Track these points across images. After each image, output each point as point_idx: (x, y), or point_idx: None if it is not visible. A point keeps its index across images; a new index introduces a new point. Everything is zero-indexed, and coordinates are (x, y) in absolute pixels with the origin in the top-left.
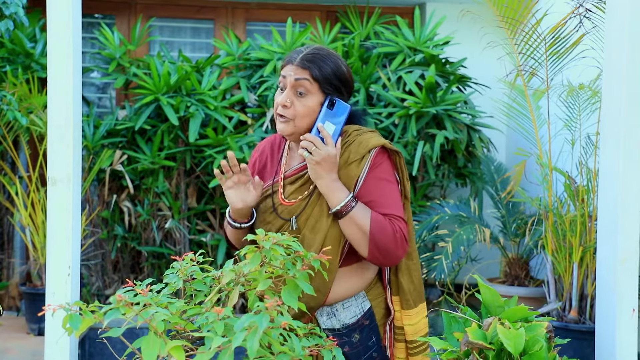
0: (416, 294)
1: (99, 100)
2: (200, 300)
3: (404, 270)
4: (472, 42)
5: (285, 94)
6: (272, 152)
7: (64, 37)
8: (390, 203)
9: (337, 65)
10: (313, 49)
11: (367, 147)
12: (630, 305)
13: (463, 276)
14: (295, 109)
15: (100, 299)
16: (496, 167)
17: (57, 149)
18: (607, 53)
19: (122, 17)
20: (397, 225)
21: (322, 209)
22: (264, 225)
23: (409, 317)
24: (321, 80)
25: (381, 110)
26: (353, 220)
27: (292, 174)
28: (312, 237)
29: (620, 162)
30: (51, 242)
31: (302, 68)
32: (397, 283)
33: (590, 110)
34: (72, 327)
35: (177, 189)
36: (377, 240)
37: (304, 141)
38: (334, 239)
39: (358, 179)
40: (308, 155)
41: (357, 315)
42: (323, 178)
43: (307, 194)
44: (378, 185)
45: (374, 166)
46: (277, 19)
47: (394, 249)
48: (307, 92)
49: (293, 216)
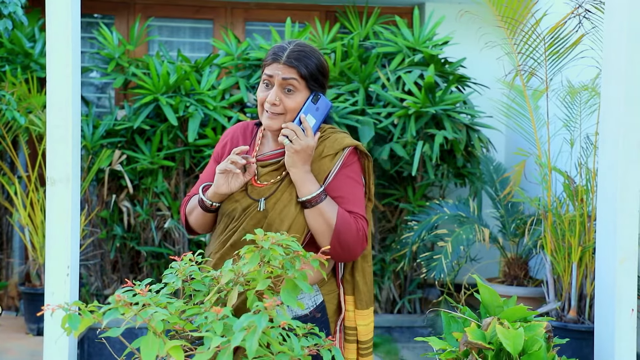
0: (369, 296)
1: (98, 100)
2: (199, 300)
3: (359, 270)
4: (471, 42)
5: (273, 93)
6: (245, 137)
7: (63, 37)
8: (356, 202)
9: (320, 60)
10: (296, 46)
11: (342, 145)
12: (629, 305)
13: (462, 276)
14: (285, 105)
15: (99, 299)
16: (495, 167)
17: (56, 149)
18: (606, 53)
19: (121, 17)
20: (360, 223)
21: (291, 196)
22: (231, 204)
23: (363, 317)
24: (308, 78)
25: (380, 110)
26: (320, 212)
27: (264, 159)
28: (279, 222)
29: (620, 162)
30: (50, 242)
31: (289, 67)
32: (352, 282)
33: (589, 110)
34: (71, 327)
35: (176, 189)
36: (341, 235)
37: (286, 129)
38: (299, 227)
39: (329, 173)
40: (288, 143)
41: (309, 308)
42: (297, 167)
43: (279, 178)
44: (347, 183)
45: (346, 164)
46: (276, 19)
47: (354, 246)
48: (295, 89)
49: (262, 197)
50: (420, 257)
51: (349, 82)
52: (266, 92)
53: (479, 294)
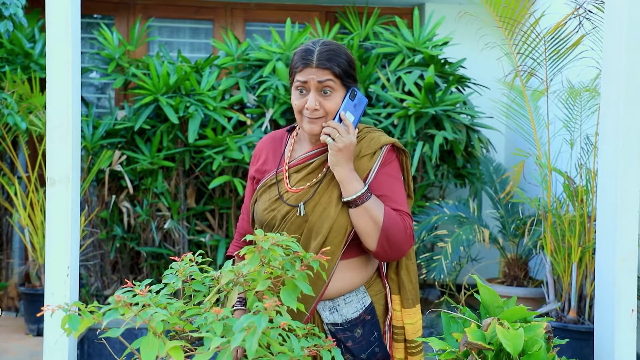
0: (414, 294)
1: (98, 100)
2: (199, 301)
3: (404, 268)
4: (471, 43)
5: (312, 98)
6: (274, 147)
7: (63, 38)
8: (400, 200)
9: (349, 56)
10: (323, 46)
11: (379, 144)
12: (629, 306)
13: (462, 276)
14: (324, 108)
15: (99, 299)
16: (495, 167)
17: (56, 150)
18: (606, 54)
19: (121, 18)
20: (407, 221)
21: (331, 196)
22: (268, 213)
23: (410, 316)
24: (342, 76)
25: (380, 110)
26: (367, 211)
27: (297, 163)
28: (320, 224)
29: (620, 163)
30: (50, 243)
31: (322, 69)
32: (397, 281)
33: (589, 110)
34: (71, 327)
35: (176, 190)
36: (389, 234)
37: (327, 128)
38: (341, 227)
39: (369, 172)
40: (331, 142)
41: (358, 310)
42: (342, 166)
43: (315, 181)
44: (389, 181)
45: (385, 163)
46: (276, 20)
47: (402, 244)
48: (332, 90)
49: (301, 202)
50: (420, 257)
51: None
52: (302, 98)
53: (479, 295)
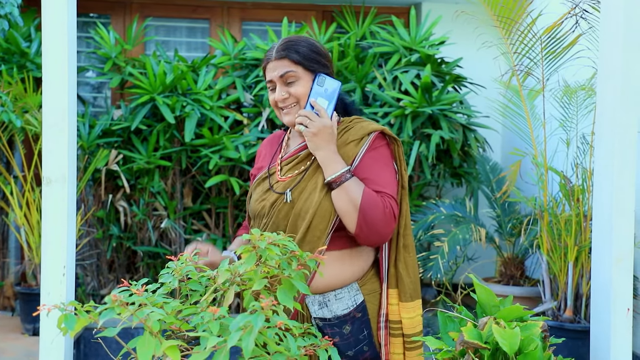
0: (413, 288)
1: (95, 99)
2: (196, 300)
3: (402, 262)
4: (468, 42)
5: (278, 90)
6: (272, 145)
7: (59, 37)
8: (384, 183)
9: (310, 42)
10: (283, 40)
11: (367, 130)
12: (625, 305)
13: (459, 276)
14: (293, 94)
15: (96, 299)
16: (492, 166)
17: (52, 149)
18: (602, 53)
19: (117, 17)
20: (387, 201)
21: (316, 182)
22: (259, 203)
23: (407, 310)
24: (302, 61)
25: (377, 110)
26: (345, 191)
27: (289, 156)
28: (305, 210)
29: (615, 162)
30: (46, 242)
31: (280, 59)
32: (396, 275)
33: (586, 110)
34: (67, 327)
35: (173, 189)
36: (366, 214)
37: (299, 117)
38: (325, 212)
39: (355, 157)
40: (304, 129)
41: (349, 307)
42: (322, 149)
43: (303, 169)
44: (374, 165)
45: (372, 148)
46: (273, 19)
47: (382, 225)
48: (296, 78)
49: (287, 189)
50: (417, 257)
51: (346, 82)
52: (273, 94)
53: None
